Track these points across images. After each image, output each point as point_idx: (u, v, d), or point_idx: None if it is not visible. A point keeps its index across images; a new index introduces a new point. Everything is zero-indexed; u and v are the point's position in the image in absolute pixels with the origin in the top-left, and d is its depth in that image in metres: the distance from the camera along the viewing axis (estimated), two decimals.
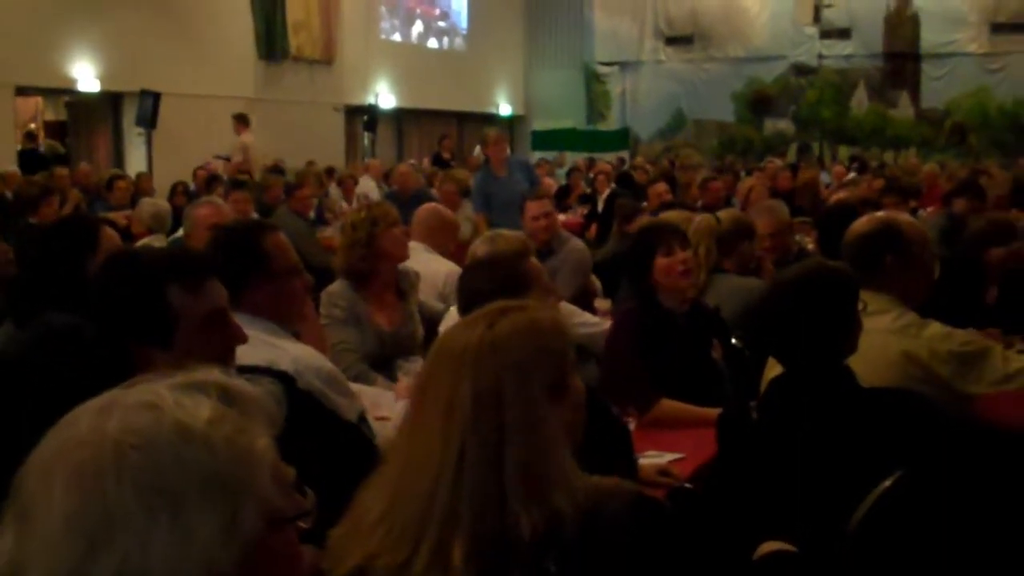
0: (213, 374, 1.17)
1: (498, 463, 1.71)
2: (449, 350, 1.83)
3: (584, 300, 5.84)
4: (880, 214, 3.88)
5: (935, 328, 3.54)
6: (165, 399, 1.10)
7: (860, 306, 2.94)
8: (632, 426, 3.61)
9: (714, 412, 3.86)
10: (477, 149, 18.67)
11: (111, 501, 1.03)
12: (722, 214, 5.53)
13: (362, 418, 3.20)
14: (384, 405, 3.75)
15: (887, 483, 2.60)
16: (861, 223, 3.81)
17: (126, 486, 1.03)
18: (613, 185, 13.97)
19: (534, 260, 3.87)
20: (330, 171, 14.96)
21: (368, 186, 14.40)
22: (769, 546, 2.43)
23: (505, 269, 3.58)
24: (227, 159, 15.22)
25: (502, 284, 3.50)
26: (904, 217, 3.92)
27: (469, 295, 3.57)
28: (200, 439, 1.07)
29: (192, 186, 13.21)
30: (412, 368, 4.10)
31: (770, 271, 5.53)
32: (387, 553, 1.69)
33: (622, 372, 4.04)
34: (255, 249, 3.13)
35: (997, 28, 24.59)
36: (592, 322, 4.98)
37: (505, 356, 1.78)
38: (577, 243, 6.57)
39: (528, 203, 6.46)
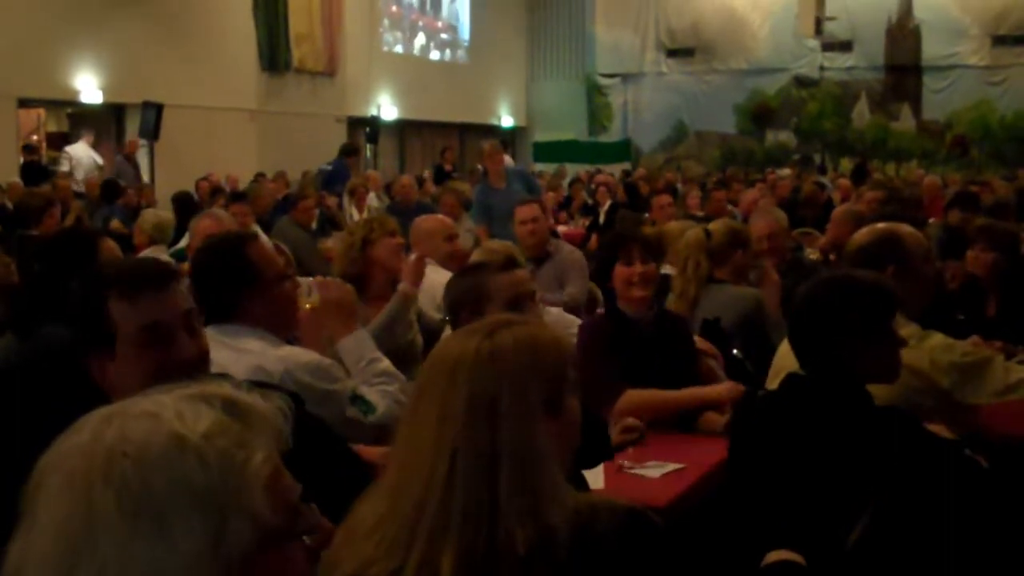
0: (222, 387, 1.16)
1: (491, 475, 1.69)
2: (445, 358, 1.81)
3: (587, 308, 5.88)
4: (881, 225, 3.88)
5: (936, 339, 3.53)
6: (166, 409, 1.10)
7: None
8: (639, 435, 3.59)
9: (681, 392, 3.96)
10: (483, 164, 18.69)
11: (95, 508, 1.02)
12: (713, 225, 5.52)
13: (355, 396, 3.21)
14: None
15: (883, 500, 2.60)
16: (862, 233, 3.81)
17: (111, 494, 1.03)
18: (609, 201, 13.97)
19: (502, 277, 3.77)
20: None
21: (371, 198, 14.42)
22: (777, 555, 2.42)
23: (468, 282, 3.56)
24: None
25: (463, 295, 3.50)
26: (905, 228, 3.91)
27: (448, 304, 3.61)
28: (193, 451, 1.07)
29: (196, 197, 13.24)
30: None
31: (772, 276, 5.51)
32: (380, 561, 1.68)
33: (589, 373, 4.03)
34: (239, 261, 3.08)
35: (999, 41, 24.63)
36: None
37: (502, 367, 1.76)
38: (570, 247, 6.62)
39: (517, 208, 6.51)
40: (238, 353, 3.00)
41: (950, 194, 10.90)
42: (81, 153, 15.91)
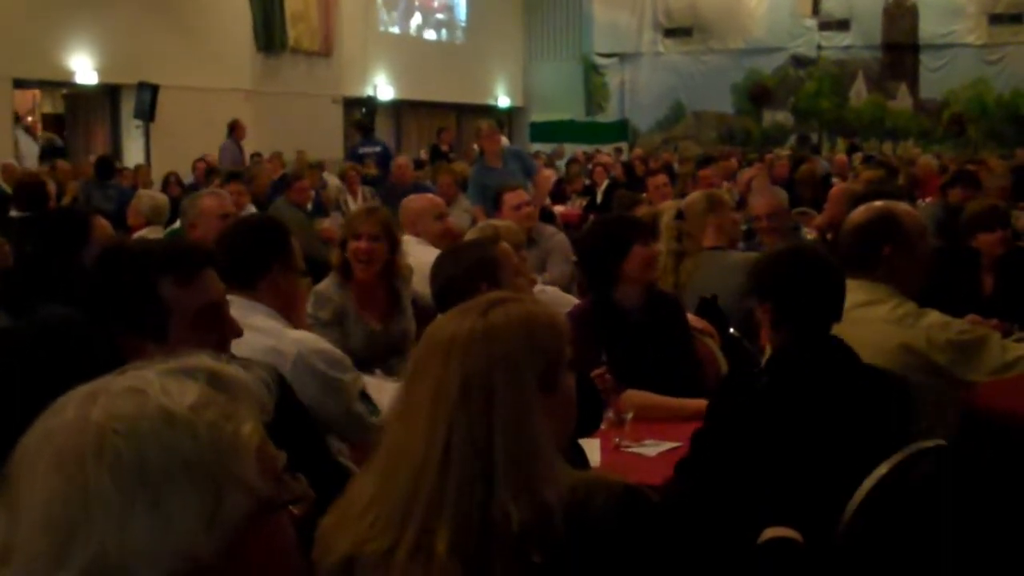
0: (203, 360, 1.17)
1: (485, 453, 1.69)
2: (440, 336, 1.81)
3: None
4: (878, 203, 3.87)
5: (933, 317, 3.54)
6: (151, 385, 1.10)
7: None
8: (628, 417, 3.59)
9: (681, 401, 3.85)
10: None
11: (90, 485, 1.02)
12: (684, 202, 5.55)
13: (363, 394, 3.23)
14: (384, 396, 3.74)
15: (883, 469, 2.60)
16: (859, 212, 3.80)
17: (105, 470, 1.03)
18: (606, 181, 13.96)
19: (504, 245, 3.88)
20: (319, 165, 14.91)
21: None
22: (774, 531, 2.42)
23: (474, 253, 3.58)
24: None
25: (471, 268, 3.52)
26: (902, 207, 3.90)
27: (442, 280, 3.59)
28: (183, 424, 1.07)
29: (191, 178, 13.23)
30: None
31: None
32: (374, 540, 1.68)
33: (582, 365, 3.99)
34: (283, 242, 3.25)
35: (995, 19, 24.57)
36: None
37: (497, 345, 1.76)
38: (555, 231, 6.62)
39: (505, 195, 6.49)
40: (247, 331, 3.01)
41: (944, 174, 10.91)
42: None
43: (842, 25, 25.72)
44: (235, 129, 15.81)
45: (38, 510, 1.03)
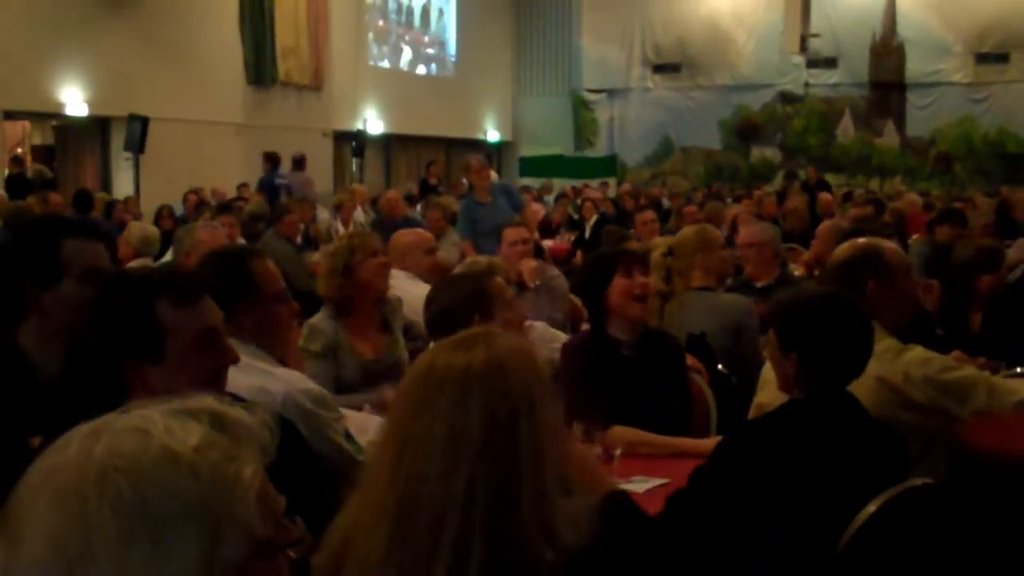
0: (207, 401, 1.17)
1: (513, 493, 1.64)
2: (443, 373, 1.74)
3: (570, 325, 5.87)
4: (863, 240, 3.90)
5: (914, 353, 3.53)
6: (155, 424, 1.10)
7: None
8: (617, 453, 3.59)
9: (671, 439, 3.83)
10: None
11: (92, 524, 1.03)
12: (674, 240, 5.54)
13: (348, 435, 3.22)
14: (371, 429, 3.74)
15: (872, 508, 2.60)
16: (843, 248, 3.82)
17: (107, 509, 1.03)
18: (595, 216, 13.99)
19: (498, 279, 3.88)
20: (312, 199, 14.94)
21: (356, 212, 14.42)
22: None
23: (470, 284, 3.59)
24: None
25: (465, 298, 3.52)
26: (886, 243, 3.92)
27: (437, 309, 3.59)
28: (186, 465, 1.07)
29: (182, 210, 13.21)
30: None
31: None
32: None
33: (572, 400, 3.99)
34: (242, 273, 3.13)
35: (982, 58, 24.80)
36: None
37: (516, 380, 1.71)
38: (554, 270, 6.61)
39: (506, 230, 6.49)
40: (235, 371, 3.01)
41: (930, 211, 10.97)
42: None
43: (830, 63, 25.93)
44: (302, 161, 16.66)
45: (39, 545, 1.03)
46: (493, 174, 11.71)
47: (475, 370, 1.72)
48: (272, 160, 16.27)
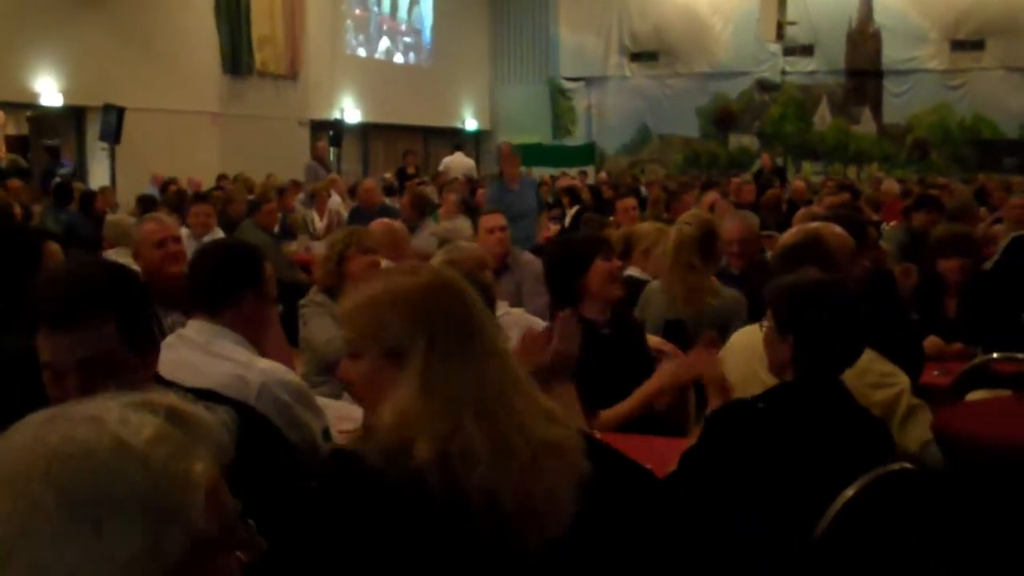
0: (167, 396, 1.17)
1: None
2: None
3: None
4: (810, 225, 3.95)
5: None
6: (110, 414, 1.10)
7: None
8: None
9: (632, 399, 3.88)
10: (443, 164, 18.68)
11: (34, 507, 1.02)
12: (685, 217, 5.50)
13: (326, 432, 3.22)
14: (353, 417, 3.73)
15: (850, 492, 2.62)
16: (789, 234, 3.90)
17: (50, 491, 1.03)
18: (575, 205, 14.01)
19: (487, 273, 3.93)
20: (296, 185, 14.88)
21: (335, 201, 14.39)
22: None
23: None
24: None
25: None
26: (832, 228, 3.95)
27: None
28: (136, 456, 1.07)
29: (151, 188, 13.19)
30: None
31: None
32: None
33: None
34: (257, 269, 3.22)
35: (957, 45, 24.89)
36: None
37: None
38: (530, 256, 6.64)
39: (483, 217, 6.57)
40: (211, 358, 3.02)
41: (907, 198, 11.03)
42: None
43: (806, 51, 25.98)
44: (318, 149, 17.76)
45: None
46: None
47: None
48: (52, 152, 16.28)
